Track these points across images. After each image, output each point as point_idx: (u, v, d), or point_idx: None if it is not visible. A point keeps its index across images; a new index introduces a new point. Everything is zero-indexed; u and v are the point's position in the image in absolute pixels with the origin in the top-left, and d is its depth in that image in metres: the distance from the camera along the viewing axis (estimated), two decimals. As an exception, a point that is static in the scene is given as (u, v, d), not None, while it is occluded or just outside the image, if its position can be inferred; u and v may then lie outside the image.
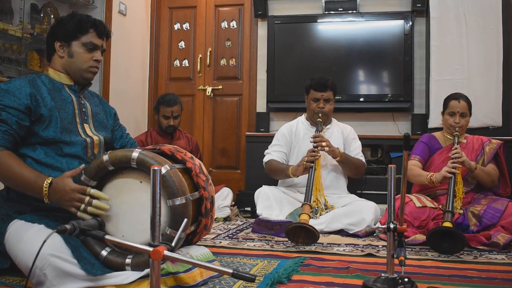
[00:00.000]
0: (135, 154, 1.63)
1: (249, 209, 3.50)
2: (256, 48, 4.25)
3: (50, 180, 1.59)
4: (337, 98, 3.21)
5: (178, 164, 1.82)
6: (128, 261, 1.59)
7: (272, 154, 3.10)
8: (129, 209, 1.64)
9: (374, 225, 2.71)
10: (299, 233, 2.41)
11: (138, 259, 1.59)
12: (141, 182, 1.66)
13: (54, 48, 1.82)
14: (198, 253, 1.81)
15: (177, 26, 4.49)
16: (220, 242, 2.44)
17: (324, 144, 2.83)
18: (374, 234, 2.70)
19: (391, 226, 1.59)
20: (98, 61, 1.85)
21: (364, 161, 3.10)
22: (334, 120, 3.21)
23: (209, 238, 2.54)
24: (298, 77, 3.85)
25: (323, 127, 3.04)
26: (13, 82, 1.70)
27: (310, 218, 2.50)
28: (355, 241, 2.51)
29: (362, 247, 2.34)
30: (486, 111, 3.51)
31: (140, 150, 1.66)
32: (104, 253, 1.61)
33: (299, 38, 3.98)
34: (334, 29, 3.98)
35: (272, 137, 3.25)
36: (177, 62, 4.48)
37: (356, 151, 3.08)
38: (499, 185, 2.81)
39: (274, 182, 3.18)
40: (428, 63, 3.71)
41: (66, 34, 1.80)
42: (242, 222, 3.17)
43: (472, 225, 2.49)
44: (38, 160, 1.69)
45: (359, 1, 3.97)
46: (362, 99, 3.87)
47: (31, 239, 1.53)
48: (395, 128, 3.93)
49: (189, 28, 4.47)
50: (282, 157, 3.09)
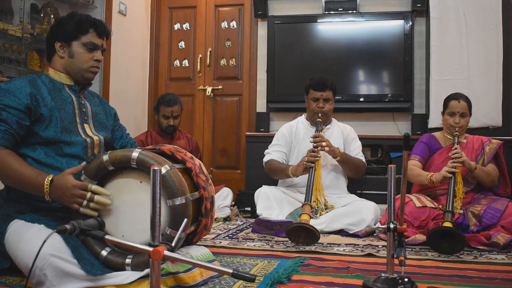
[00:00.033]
0: (135, 154, 1.63)
1: (249, 209, 3.50)
2: (256, 48, 4.25)
3: (51, 177, 1.59)
4: (337, 98, 3.21)
5: (178, 164, 1.82)
6: (128, 261, 1.59)
7: (272, 154, 3.10)
8: (129, 209, 1.64)
9: (374, 225, 2.71)
10: (300, 233, 2.41)
11: (138, 259, 1.59)
12: (141, 182, 1.66)
13: (54, 48, 1.82)
14: (198, 253, 1.81)
15: (177, 26, 4.49)
16: (220, 242, 2.44)
17: (324, 144, 2.83)
18: (374, 234, 2.70)
19: (391, 226, 1.59)
20: (98, 60, 1.85)
21: (364, 161, 3.10)
22: (334, 120, 3.21)
23: (209, 238, 2.54)
24: (298, 77, 3.85)
25: (323, 127, 3.04)
26: (13, 82, 1.70)
27: (310, 218, 2.50)
28: (355, 241, 2.51)
29: (362, 247, 2.34)
30: (486, 111, 3.51)
31: (140, 150, 1.66)
32: (104, 253, 1.61)
33: (299, 38, 3.98)
34: (334, 29, 3.98)
35: (272, 137, 3.25)
36: (177, 62, 4.48)
37: (356, 151, 3.09)
38: (499, 185, 2.82)
39: (274, 182, 3.18)
40: (428, 63, 3.71)
41: (66, 34, 1.80)
42: (242, 222, 3.17)
43: (472, 225, 2.49)
44: (38, 160, 1.69)
45: (359, 1, 3.98)
46: (362, 99, 3.87)
47: (31, 239, 1.53)
48: (395, 128, 3.93)
49: (189, 28, 4.47)
50: (282, 157, 3.09)
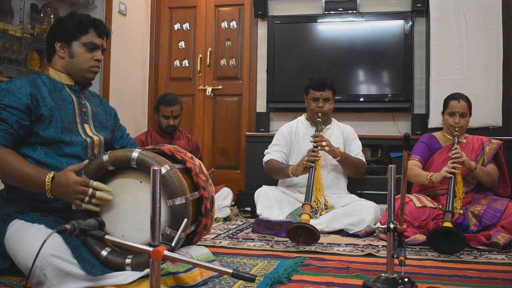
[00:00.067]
0: (135, 154, 1.63)
1: (249, 209, 3.50)
2: (256, 48, 4.25)
3: (52, 174, 1.59)
4: (337, 98, 3.21)
5: (178, 164, 1.82)
6: (128, 261, 1.59)
7: (272, 154, 3.10)
8: (129, 209, 1.64)
9: (374, 225, 2.71)
10: (300, 233, 2.40)
11: (138, 259, 1.59)
12: (141, 182, 1.66)
13: (55, 48, 1.82)
14: (198, 253, 1.81)
15: (177, 26, 4.49)
16: (220, 242, 2.44)
17: (324, 143, 2.83)
18: (374, 234, 2.70)
19: (391, 226, 1.59)
20: (99, 60, 1.86)
21: (364, 160, 3.10)
22: (334, 120, 3.21)
23: (209, 238, 2.54)
24: (298, 77, 3.85)
25: (323, 127, 3.04)
26: (13, 82, 1.70)
27: (310, 218, 2.50)
28: (355, 241, 2.51)
29: (362, 247, 2.34)
30: (486, 111, 3.51)
31: (140, 150, 1.66)
32: (104, 253, 1.61)
33: (299, 38, 3.98)
34: (334, 29, 3.98)
35: (272, 137, 3.25)
36: (177, 62, 4.48)
37: (356, 151, 3.09)
38: (499, 185, 2.82)
39: (274, 182, 3.18)
40: (428, 63, 3.71)
41: (66, 34, 1.80)
42: (242, 222, 3.17)
43: (472, 225, 2.49)
44: (38, 160, 1.69)
45: (359, 1, 3.98)
46: (362, 99, 3.87)
47: (31, 239, 1.53)
48: (395, 128, 3.93)
49: (189, 28, 4.47)
50: (282, 157, 3.09)
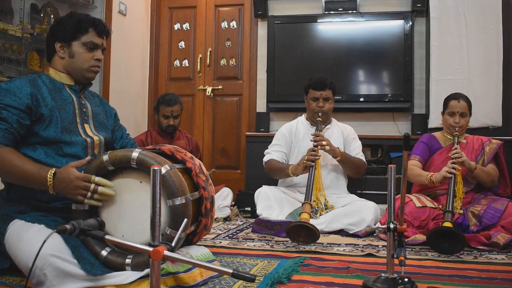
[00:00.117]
0: (135, 154, 1.63)
1: (249, 209, 3.50)
2: (256, 48, 4.25)
3: (53, 170, 1.60)
4: (337, 98, 3.21)
5: (178, 164, 1.82)
6: (128, 261, 1.59)
7: (272, 154, 3.10)
8: (129, 209, 1.64)
9: (374, 225, 2.71)
10: (300, 232, 2.41)
11: (138, 259, 1.59)
12: (141, 182, 1.66)
13: (55, 49, 1.82)
14: (198, 253, 1.81)
15: (177, 26, 4.49)
16: (220, 242, 2.44)
17: (324, 143, 2.83)
18: (374, 234, 2.70)
19: (391, 226, 1.59)
20: (99, 60, 1.86)
21: (364, 160, 3.10)
22: (334, 120, 3.21)
23: (209, 238, 2.54)
24: (298, 77, 3.84)
25: (323, 127, 3.04)
26: (13, 82, 1.70)
27: (310, 217, 2.50)
28: (355, 241, 2.51)
29: (362, 247, 2.34)
30: (486, 111, 3.51)
31: (140, 150, 1.66)
32: (104, 253, 1.61)
33: (299, 38, 3.98)
34: (334, 29, 3.98)
35: (272, 137, 3.25)
36: (177, 62, 4.48)
37: (356, 151, 3.09)
38: (499, 185, 2.82)
39: (274, 182, 3.18)
40: (428, 63, 3.71)
41: (66, 34, 1.80)
42: (242, 222, 3.17)
43: (472, 225, 2.49)
44: (38, 160, 1.69)
45: (359, 1, 3.97)
46: (362, 99, 3.87)
47: (31, 239, 1.53)
48: (395, 128, 3.93)
49: (189, 28, 4.47)
50: (282, 157, 3.09)
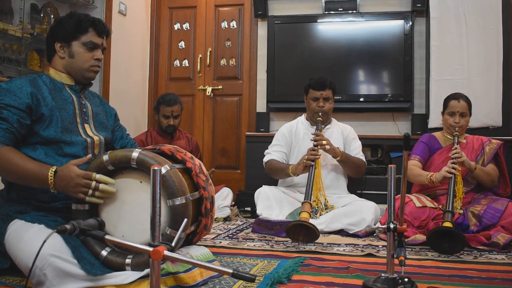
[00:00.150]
0: (135, 154, 1.63)
1: (249, 209, 3.50)
2: (256, 48, 4.25)
3: (54, 168, 1.60)
4: (337, 98, 3.21)
5: (178, 164, 1.82)
6: (128, 261, 1.59)
7: (272, 154, 3.10)
8: (129, 209, 1.64)
9: (374, 225, 2.71)
10: (299, 231, 2.41)
11: (138, 259, 1.59)
12: (141, 182, 1.66)
13: (55, 49, 1.82)
14: (198, 253, 1.81)
15: (177, 26, 4.49)
16: (220, 242, 2.44)
17: (324, 142, 2.83)
18: (374, 234, 2.70)
19: (391, 226, 1.59)
20: (99, 59, 1.86)
21: (364, 160, 3.10)
22: (334, 120, 3.21)
23: (209, 238, 2.54)
24: (298, 77, 3.84)
25: (323, 127, 3.04)
26: (14, 82, 1.71)
27: (310, 216, 2.50)
28: (355, 241, 2.51)
29: (362, 247, 2.34)
30: (486, 111, 3.51)
31: (140, 150, 1.66)
32: (104, 253, 1.61)
33: (299, 38, 3.98)
34: (334, 29, 3.98)
35: (272, 137, 3.25)
36: (177, 62, 4.48)
37: (356, 151, 3.09)
38: (499, 185, 2.82)
39: (274, 182, 3.18)
40: (428, 63, 3.71)
41: (66, 34, 1.80)
42: (242, 222, 3.17)
43: (472, 225, 2.49)
44: (38, 160, 1.68)
45: (359, 1, 3.98)
46: (362, 99, 3.87)
47: (31, 239, 1.53)
48: (395, 128, 3.93)
49: (189, 28, 4.47)
50: (282, 157, 3.09)
